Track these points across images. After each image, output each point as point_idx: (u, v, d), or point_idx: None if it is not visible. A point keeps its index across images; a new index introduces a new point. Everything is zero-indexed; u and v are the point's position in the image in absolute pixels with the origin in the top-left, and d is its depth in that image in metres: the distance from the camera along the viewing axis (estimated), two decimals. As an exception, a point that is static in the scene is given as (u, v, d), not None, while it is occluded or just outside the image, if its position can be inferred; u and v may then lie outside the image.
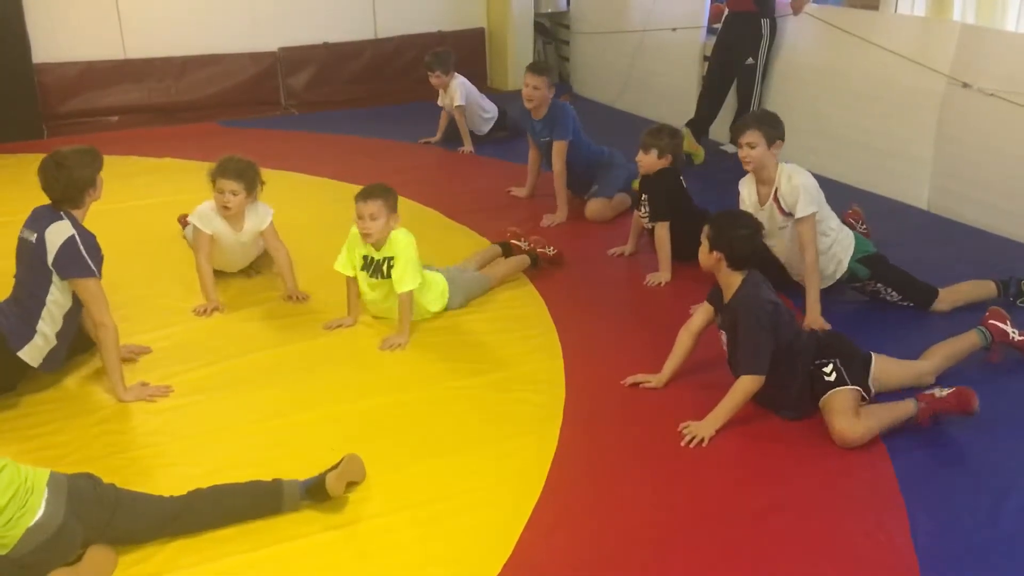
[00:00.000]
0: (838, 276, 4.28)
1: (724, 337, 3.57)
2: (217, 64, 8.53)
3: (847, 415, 3.28)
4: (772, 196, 4.12)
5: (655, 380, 3.73)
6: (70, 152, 3.65)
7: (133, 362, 3.91)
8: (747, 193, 4.28)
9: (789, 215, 4.10)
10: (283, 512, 2.97)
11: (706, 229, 3.55)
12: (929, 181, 5.66)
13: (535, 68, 5.61)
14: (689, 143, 6.57)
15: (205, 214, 4.49)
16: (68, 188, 3.60)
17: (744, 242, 3.47)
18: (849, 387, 3.34)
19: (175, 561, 2.80)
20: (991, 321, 3.78)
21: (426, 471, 3.22)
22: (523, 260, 4.78)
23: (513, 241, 4.90)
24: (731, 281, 3.49)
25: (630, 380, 3.76)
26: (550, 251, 4.89)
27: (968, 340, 3.75)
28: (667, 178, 4.81)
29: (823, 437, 3.35)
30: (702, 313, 3.69)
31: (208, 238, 4.49)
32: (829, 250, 4.20)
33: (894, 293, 4.30)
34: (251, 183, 4.47)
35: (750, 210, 4.19)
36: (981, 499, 3.03)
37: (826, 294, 4.20)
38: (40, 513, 2.64)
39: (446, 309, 4.40)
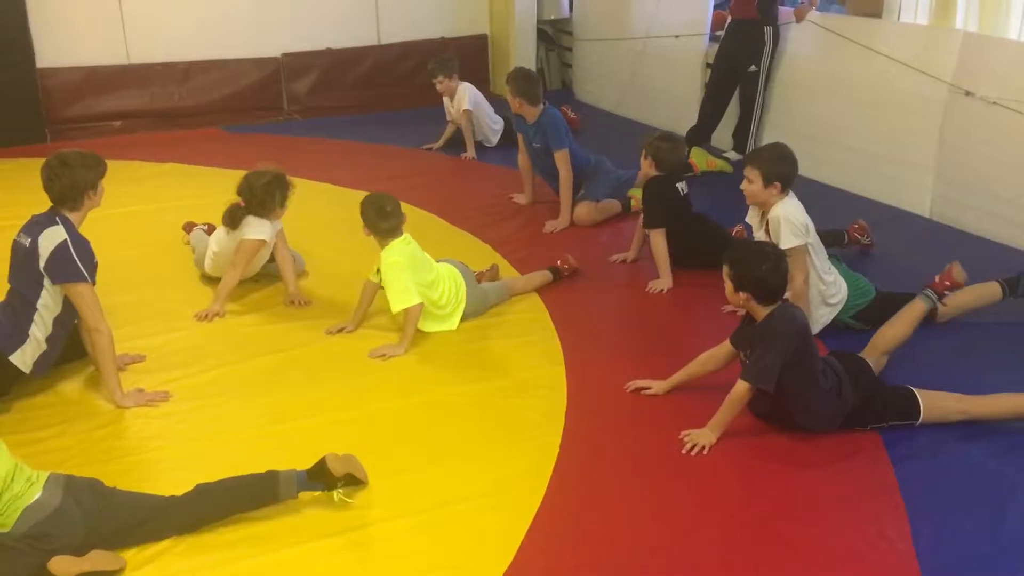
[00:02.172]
0: (825, 322, 4.13)
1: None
2: (220, 69, 8.53)
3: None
4: (764, 227, 4.07)
5: (656, 387, 3.72)
6: (75, 153, 3.66)
7: (122, 371, 3.86)
8: (752, 212, 4.26)
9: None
10: (281, 499, 2.98)
11: (726, 269, 3.40)
12: (931, 189, 5.66)
13: (507, 79, 5.72)
14: (709, 161, 6.57)
15: (267, 228, 4.52)
16: (69, 188, 3.60)
17: (770, 276, 3.31)
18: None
19: (179, 566, 2.81)
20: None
21: (428, 477, 3.22)
22: (545, 275, 4.79)
23: (561, 264, 4.88)
24: (764, 313, 3.38)
25: (632, 385, 3.76)
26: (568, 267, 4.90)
27: (916, 312, 3.88)
28: (658, 185, 4.81)
29: (824, 443, 3.35)
30: (725, 352, 3.61)
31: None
32: (825, 301, 4.07)
33: None
34: None
35: (753, 226, 4.19)
36: (982, 505, 3.03)
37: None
38: (38, 495, 2.73)
39: (463, 318, 4.37)
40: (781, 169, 3.99)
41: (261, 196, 4.47)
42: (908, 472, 3.20)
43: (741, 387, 3.34)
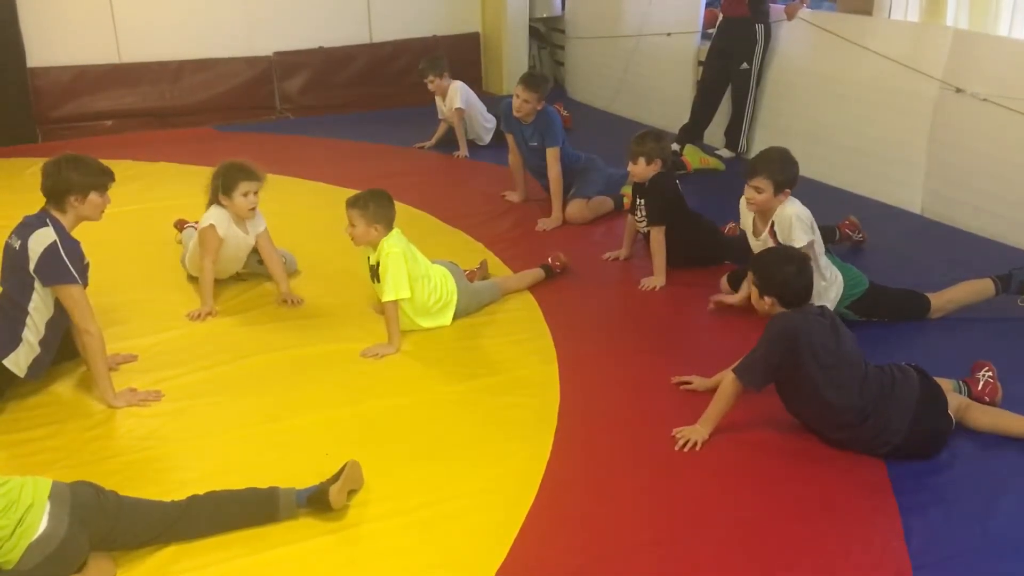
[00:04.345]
0: None
1: None
2: (212, 68, 8.53)
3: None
4: (768, 228, 4.06)
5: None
6: (76, 157, 3.67)
7: (114, 370, 3.85)
8: (744, 214, 4.26)
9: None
10: (279, 520, 2.96)
11: (750, 275, 3.42)
12: (922, 185, 5.68)
13: (529, 83, 5.59)
14: (702, 159, 6.59)
15: (221, 217, 4.47)
16: (52, 186, 3.60)
17: (795, 279, 3.30)
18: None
19: (171, 566, 2.80)
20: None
21: (421, 475, 3.22)
22: (537, 273, 4.79)
23: (552, 261, 4.87)
24: None
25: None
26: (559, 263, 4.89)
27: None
28: (665, 182, 4.82)
29: (815, 441, 3.36)
30: None
31: (220, 241, 4.47)
32: (826, 293, 4.03)
33: (886, 319, 4.22)
34: None
35: (746, 229, 4.19)
36: (974, 503, 3.03)
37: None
38: (42, 528, 2.62)
39: (455, 316, 4.36)
40: (790, 174, 4.02)
41: (211, 186, 4.52)
42: (900, 469, 3.20)
43: (727, 379, 3.35)
